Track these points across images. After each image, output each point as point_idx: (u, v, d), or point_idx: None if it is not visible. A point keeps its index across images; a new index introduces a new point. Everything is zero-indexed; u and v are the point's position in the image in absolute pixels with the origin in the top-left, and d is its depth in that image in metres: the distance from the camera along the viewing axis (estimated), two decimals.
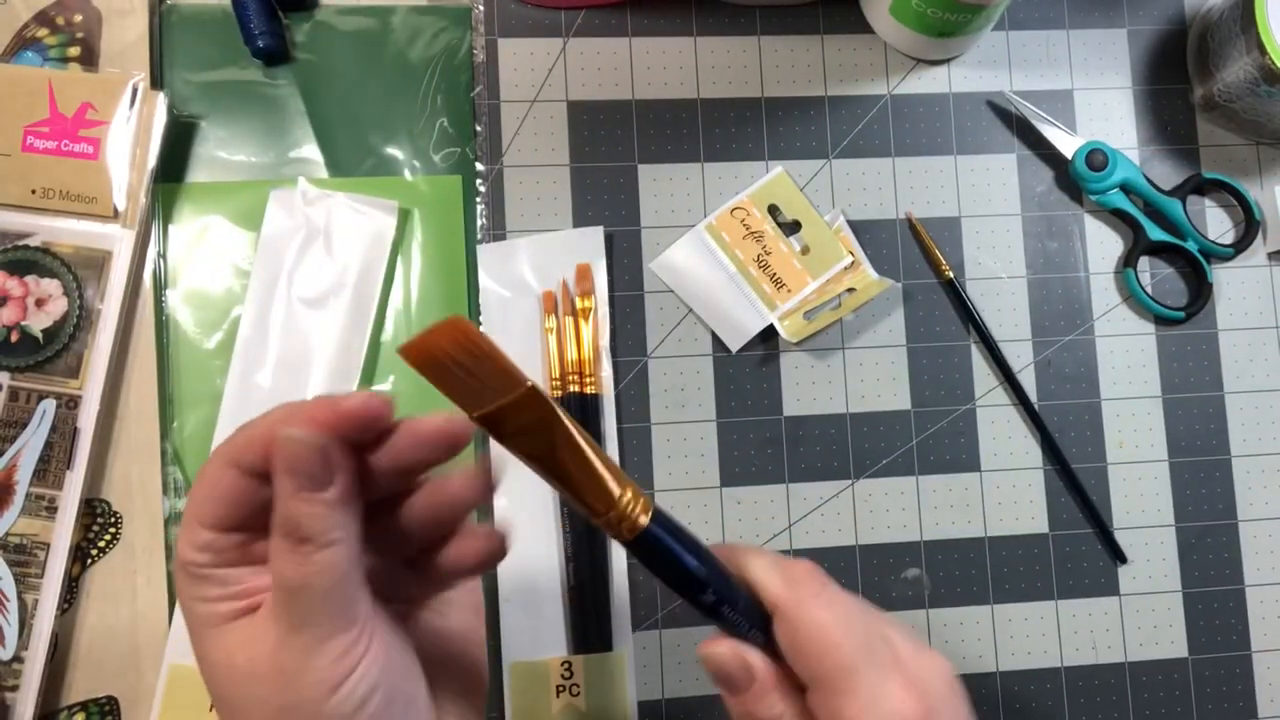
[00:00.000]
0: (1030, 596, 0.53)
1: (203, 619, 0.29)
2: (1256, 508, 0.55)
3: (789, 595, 0.30)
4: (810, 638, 0.29)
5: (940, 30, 0.52)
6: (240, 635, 0.28)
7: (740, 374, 0.53)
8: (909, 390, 0.54)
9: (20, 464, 0.47)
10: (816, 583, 0.31)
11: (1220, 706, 0.53)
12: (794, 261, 0.53)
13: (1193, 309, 0.55)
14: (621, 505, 0.28)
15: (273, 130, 0.52)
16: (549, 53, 0.54)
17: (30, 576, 0.46)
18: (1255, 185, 0.57)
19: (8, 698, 0.46)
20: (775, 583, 0.30)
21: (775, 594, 0.30)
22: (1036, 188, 0.56)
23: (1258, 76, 0.52)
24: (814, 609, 0.30)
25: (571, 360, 0.51)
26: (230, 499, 0.28)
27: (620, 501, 0.28)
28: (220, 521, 0.29)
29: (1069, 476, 0.54)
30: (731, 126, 0.54)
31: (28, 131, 0.48)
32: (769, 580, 0.31)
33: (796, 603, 0.30)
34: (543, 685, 0.49)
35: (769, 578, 0.31)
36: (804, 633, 0.30)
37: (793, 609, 0.30)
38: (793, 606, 0.30)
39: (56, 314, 0.48)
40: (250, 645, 0.28)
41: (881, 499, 0.53)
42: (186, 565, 0.29)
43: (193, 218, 0.51)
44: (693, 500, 0.52)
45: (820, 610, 0.30)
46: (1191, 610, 0.54)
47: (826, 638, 0.29)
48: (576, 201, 0.53)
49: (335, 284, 0.50)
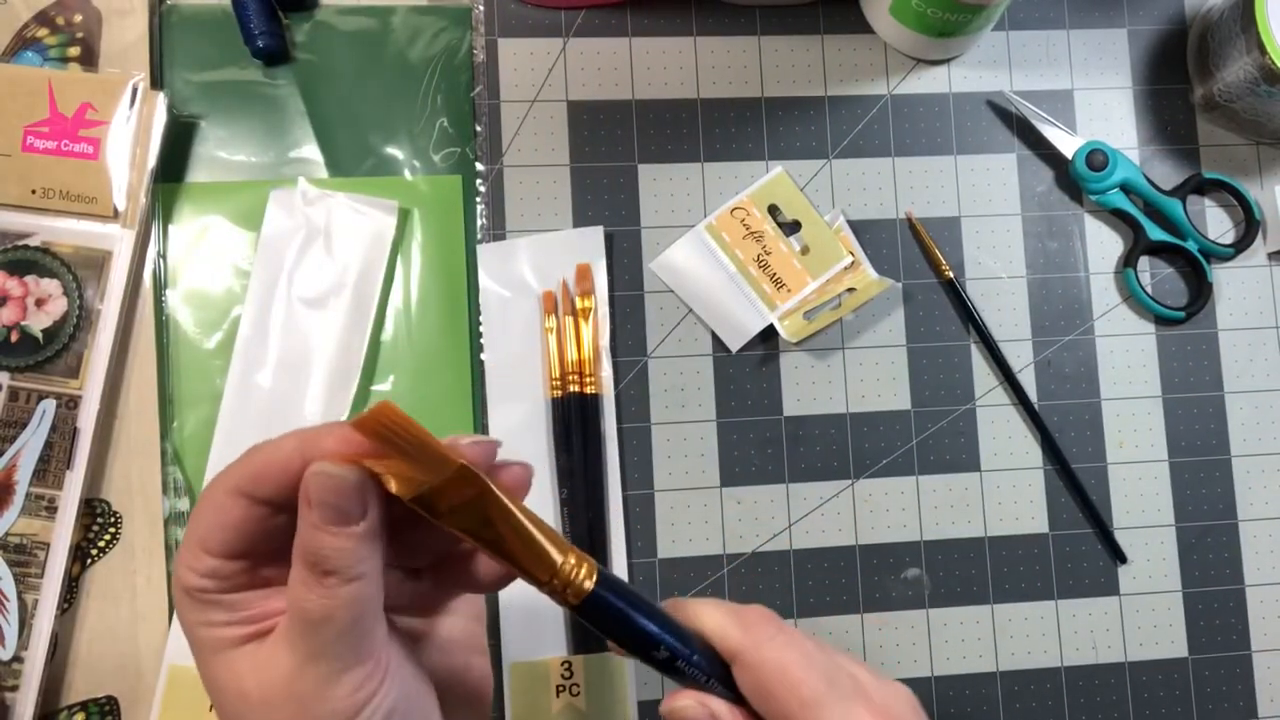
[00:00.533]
0: (1030, 596, 0.53)
1: (209, 644, 0.28)
2: (1256, 508, 0.55)
3: (746, 640, 0.31)
4: (773, 678, 0.30)
5: (940, 30, 0.52)
6: (251, 660, 0.28)
7: (740, 374, 0.53)
8: (909, 390, 0.54)
9: (20, 464, 0.47)
10: (772, 626, 0.31)
11: (1220, 706, 0.53)
12: (794, 261, 0.53)
13: (1193, 309, 0.55)
14: (564, 572, 0.29)
15: (273, 130, 0.52)
16: (549, 53, 0.54)
17: (30, 576, 0.46)
18: (1255, 185, 0.57)
19: (8, 698, 0.46)
20: (732, 631, 0.31)
21: (734, 641, 0.31)
22: (1036, 188, 0.56)
23: (1258, 76, 0.52)
24: (773, 650, 0.31)
25: (571, 360, 0.51)
26: (239, 527, 0.28)
27: (563, 569, 0.29)
28: (228, 549, 0.28)
29: (1069, 476, 0.54)
30: (731, 126, 0.54)
31: (28, 131, 0.48)
32: (725, 629, 0.31)
33: (755, 646, 0.31)
34: (543, 685, 0.49)
35: (725, 626, 0.31)
36: (767, 673, 0.30)
37: (753, 653, 0.31)
38: (752, 650, 0.31)
39: (56, 314, 0.48)
40: (262, 671, 0.27)
41: (881, 499, 0.53)
42: (190, 591, 0.28)
43: (193, 218, 0.51)
44: (693, 500, 0.52)
45: (779, 651, 0.31)
46: (1191, 610, 0.54)
47: (789, 675, 0.30)
48: (576, 201, 0.53)
49: (335, 284, 0.50)
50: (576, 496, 0.50)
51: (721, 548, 0.52)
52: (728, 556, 0.52)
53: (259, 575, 0.29)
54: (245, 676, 0.28)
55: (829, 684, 0.30)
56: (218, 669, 0.28)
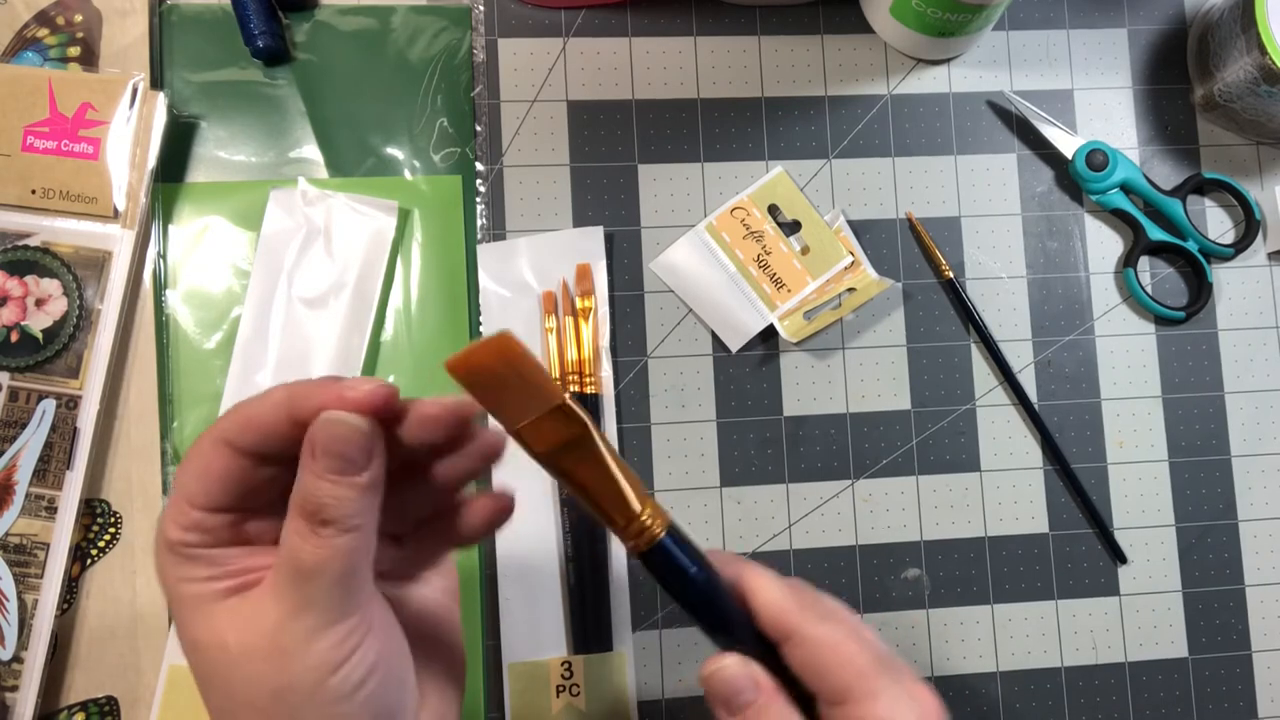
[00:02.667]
0: (1030, 596, 0.53)
1: (191, 599, 0.28)
2: (1256, 508, 0.55)
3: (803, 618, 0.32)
4: (829, 654, 0.31)
5: (940, 30, 0.52)
6: (233, 615, 0.28)
7: (740, 374, 0.53)
8: (909, 390, 0.54)
9: (20, 464, 0.47)
10: (823, 605, 0.33)
11: (1220, 706, 0.53)
12: (794, 261, 0.53)
13: (1193, 309, 0.55)
14: (640, 521, 0.30)
15: (273, 130, 0.52)
16: (549, 53, 0.54)
17: (30, 576, 0.46)
18: (1255, 185, 0.57)
19: (8, 698, 0.46)
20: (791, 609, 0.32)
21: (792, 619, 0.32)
22: (1036, 188, 0.56)
23: (1258, 76, 0.52)
24: (826, 628, 0.32)
25: (571, 360, 0.51)
26: (224, 479, 0.28)
27: (641, 517, 0.30)
28: (212, 502, 0.28)
29: (1069, 476, 0.54)
30: (731, 126, 0.54)
31: (28, 131, 0.48)
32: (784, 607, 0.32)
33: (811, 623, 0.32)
34: (543, 685, 0.49)
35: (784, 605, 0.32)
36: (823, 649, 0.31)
37: (809, 628, 0.32)
38: (809, 627, 0.32)
39: (56, 314, 0.48)
40: (245, 625, 0.28)
41: (881, 499, 0.53)
42: (174, 545, 0.28)
43: (193, 218, 0.51)
44: (693, 500, 0.52)
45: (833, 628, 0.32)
46: (1191, 610, 0.54)
47: (844, 650, 0.31)
48: (576, 201, 0.53)
49: (335, 284, 0.50)
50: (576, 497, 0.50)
51: (722, 548, 0.52)
52: None
53: (241, 531, 0.29)
54: (226, 630, 0.28)
55: (879, 661, 0.31)
56: (197, 625, 0.28)
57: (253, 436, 0.28)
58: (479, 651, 0.49)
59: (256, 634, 0.27)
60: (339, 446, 0.27)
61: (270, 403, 0.28)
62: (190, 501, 0.28)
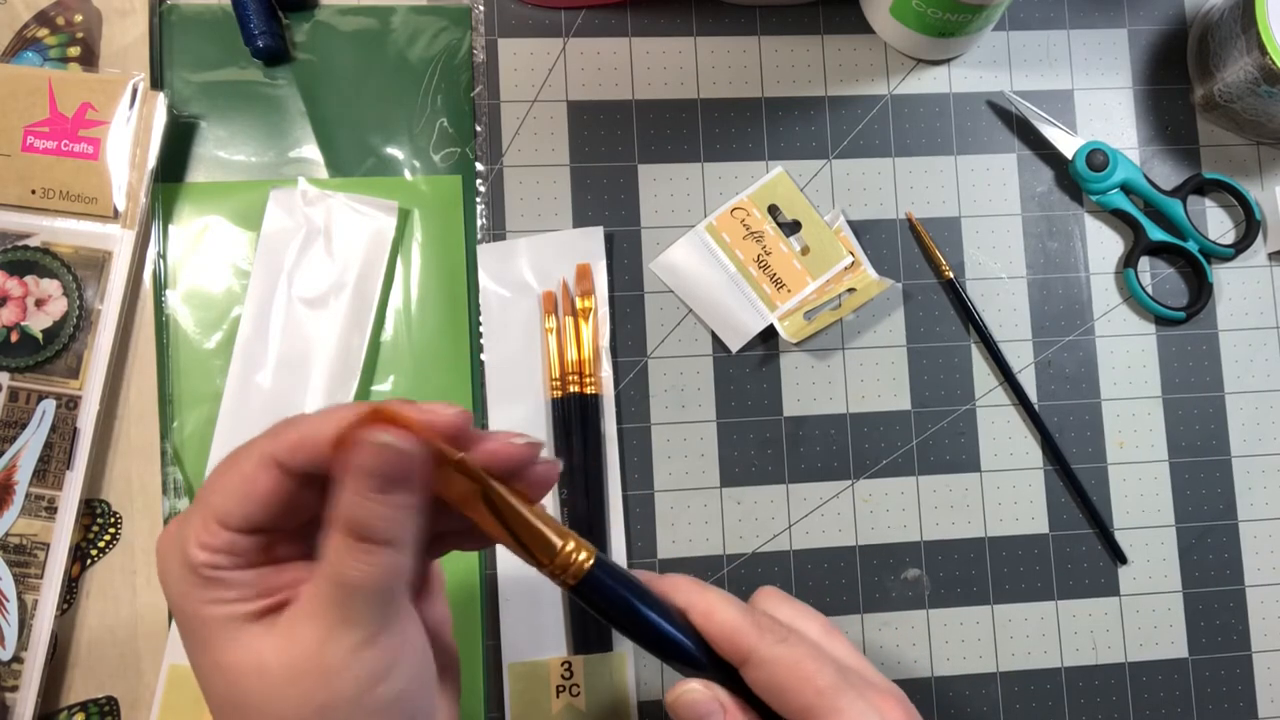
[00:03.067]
0: (1030, 597, 0.53)
1: (218, 622, 0.28)
2: (1256, 508, 0.55)
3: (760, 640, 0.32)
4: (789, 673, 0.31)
5: (940, 30, 0.52)
6: (270, 635, 0.28)
7: (740, 374, 0.53)
8: (909, 390, 0.54)
9: (20, 464, 0.47)
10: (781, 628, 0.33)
11: (1220, 706, 0.53)
12: (794, 261, 0.53)
13: (1193, 309, 0.55)
14: (564, 555, 0.31)
15: (273, 130, 0.52)
16: (549, 53, 0.54)
17: (30, 577, 0.46)
18: (1255, 185, 0.57)
19: (7, 698, 0.45)
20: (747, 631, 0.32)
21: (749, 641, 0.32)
22: (1036, 188, 0.56)
23: (1258, 76, 0.52)
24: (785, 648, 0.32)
25: (571, 360, 0.51)
26: (267, 500, 0.28)
27: (563, 552, 0.31)
28: (250, 522, 0.28)
29: (1069, 476, 0.54)
30: (731, 126, 0.54)
31: (28, 131, 0.48)
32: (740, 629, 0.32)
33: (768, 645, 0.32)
34: (543, 685, 0.49)
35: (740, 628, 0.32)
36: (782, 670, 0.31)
37: (767, 650, 0.32)
38: (766, 649, 0.32)
39: (56, 314, 0.48)
40: (286, 645, 0.27)
41: (881, 499, 0.53)
42: (198, 567, 0.28)
43: (193, 218, 0.51)
44: (693, 500, 0.52)
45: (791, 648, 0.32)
46: (1191, 610, 0.54)
47: (803, 669, 0.31)
48: (576, 201, 0.53)
49: (335, 284, 0.50)
50: (576, 497, 0.50)
51: (721, 548, 0.52)
52: (728, 557, 0.52)
53: (272, 552, 0.29)
54: (264, 651, 0.27)
55: (839, 676, 0.32)
56: (226, 648, 0.28)
57: (306, 457, 0.27)
58: (479, 651, 0.49)
59: (299, 654, 0.27)
60: (388, 469, 0.27)
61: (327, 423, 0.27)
62: (224, 522, 0.28)
